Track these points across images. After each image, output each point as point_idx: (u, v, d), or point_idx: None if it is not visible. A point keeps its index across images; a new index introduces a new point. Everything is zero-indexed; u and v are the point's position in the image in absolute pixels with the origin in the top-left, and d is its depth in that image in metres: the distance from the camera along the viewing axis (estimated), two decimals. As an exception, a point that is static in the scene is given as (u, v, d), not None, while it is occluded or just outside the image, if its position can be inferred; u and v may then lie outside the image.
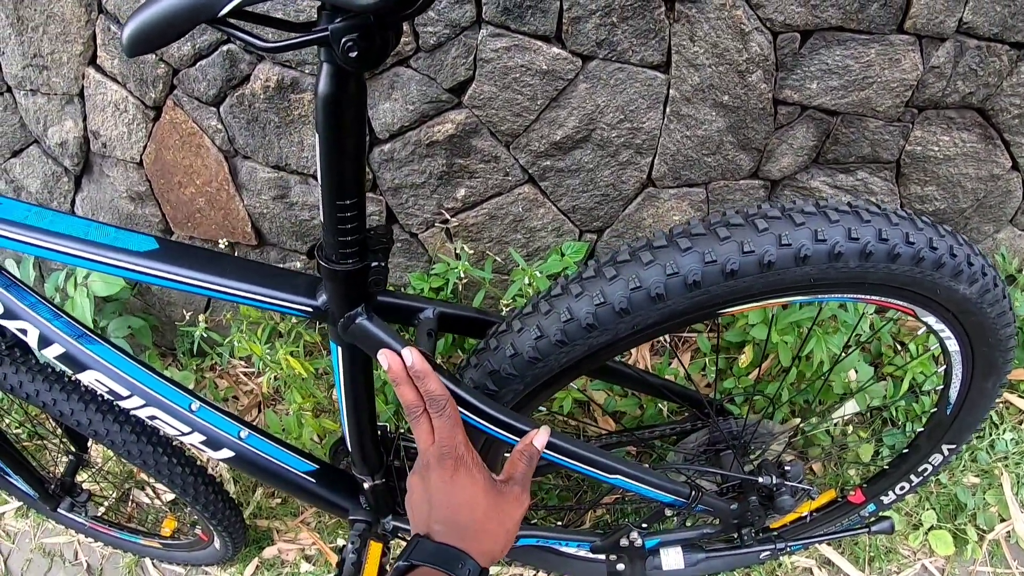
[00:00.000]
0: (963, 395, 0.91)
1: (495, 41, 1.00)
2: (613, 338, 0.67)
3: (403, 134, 1.10)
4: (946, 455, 1.03)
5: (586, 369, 0.73)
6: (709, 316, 0.68)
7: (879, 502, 1.15)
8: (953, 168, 1.25)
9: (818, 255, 0.62)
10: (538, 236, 1.19)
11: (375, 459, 0.88)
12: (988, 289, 0.71)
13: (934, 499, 1.35)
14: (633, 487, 0.75)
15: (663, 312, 0.64)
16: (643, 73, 1.02)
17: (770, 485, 0.84)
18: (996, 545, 1.37)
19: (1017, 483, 1.39)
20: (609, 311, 0.64)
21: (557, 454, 0.71)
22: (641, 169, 1.11)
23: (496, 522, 0.59)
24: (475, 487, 0.59)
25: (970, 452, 1.39)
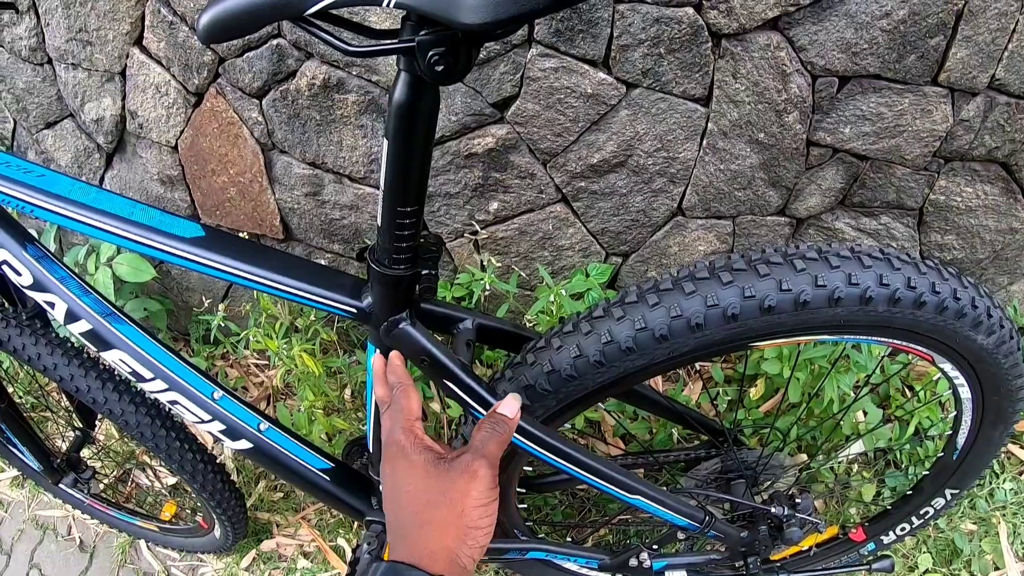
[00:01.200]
0: (971, 442, 0.94)
1: (544, 61, 1.03)
2: (648, 363, 0.70)
3: (443, 143, 1.13)
4: (948, 499, 1.06)
5: (617, 391, 0.76)
6: (741, 348, 0.71)
7: (879, 541, 1.18)
8: (973, 219, 1.29)
9: (850, 298, 0.66)
10: (565, 255, 1.22)
11: None
12: (1005, 341, 0.75)
13: (931, 543, 1.38)
14: (652, 509, 0.78)
15: (699, 341, 0.68)
16: (684, 105, 1.06)
17: (781, 516, 0.87)
18: (988, 593, 1.41)
19: (1014, 533, 1.43)
20: (649, 336, 0.67)
21: (581, 470, 0.73)
22: (672, 198, 1.15)
23: (444, 507, 0.47)
24: (412, 471, 0.50)
25: (969, 499, 1.42)
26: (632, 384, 0.76)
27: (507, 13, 0.45)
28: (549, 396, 0.73)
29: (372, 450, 0.88)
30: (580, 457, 0.73)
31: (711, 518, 0.82)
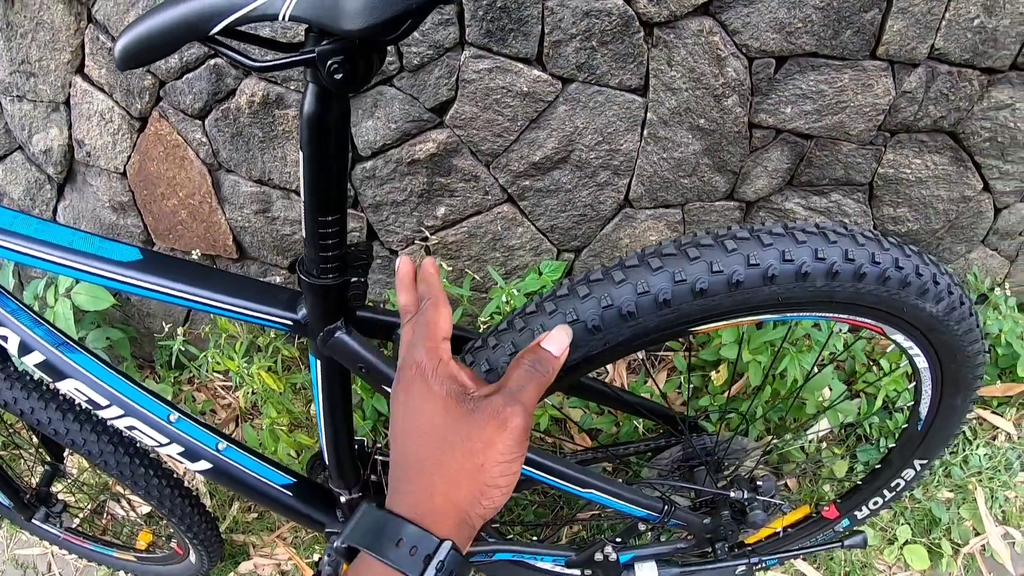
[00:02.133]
0: (933, 411, 0.94)
1: (477, 63, 1.03)
2: (586, 355, 0.70)
3: (385, 152, 1.13)
4: (918, 470, 1.07)
5: (561, 385, 0.76)
6: (681, 334, 0.71)
7: (853, 517, 1.18)
8: (925, 190, 1.30)
9: (785, 275, 0.66)
10: (516, 255, 1.22)
11: (352, 473, 0.91)
12: (955, 307, 0.74)
13: (909, 514, 1.39)
14: (607, 501, 0.78)
15: (635, 329, 0.67)
16: (621, 96, 1.06)
17: (742, 500, 0.87)
18: (971, 559, 1.41)
19: (991, 498, 1.43)
20: (582, 328, 0.67)
21: (531, 468, 0.73)
22: (619, 190, 1.15)
23: (463, 455, 0.38)
24: (430, 403, 0.40)
25: (944, 467, 1.43)
26: (577, 377, 0.76)
27: (382, 16, 0.46)
28: None
29: (328, 462, 0.88)
30: (528, 456, 0.73)
31: (671, 507, 0.82)
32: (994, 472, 1.45)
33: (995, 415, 1.49)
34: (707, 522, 0.89)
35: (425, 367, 0.42)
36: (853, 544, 1.12)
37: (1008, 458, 1.46)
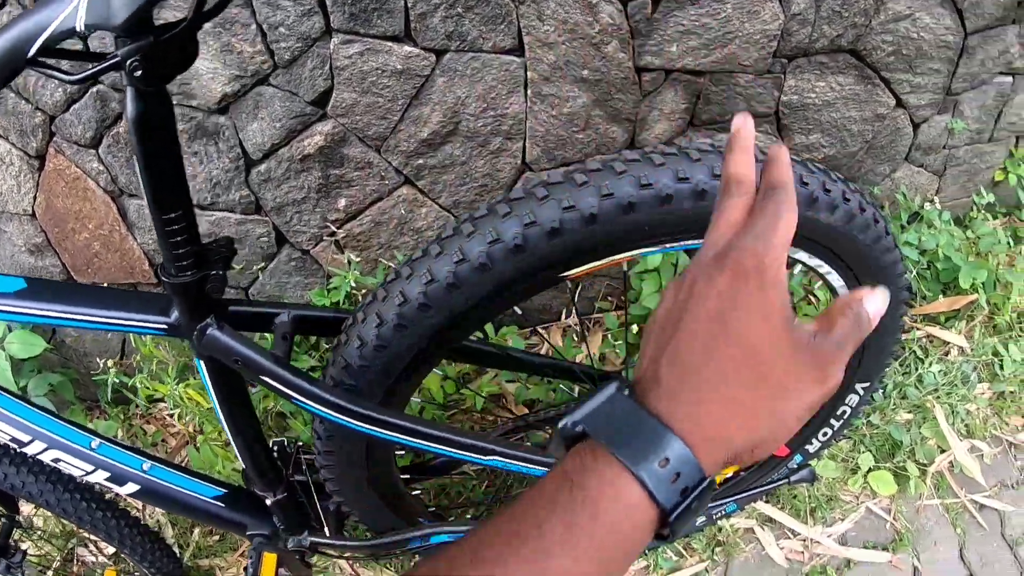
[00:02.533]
0: None
1: (347, 48, 1.01)
2: (450, 315, 0.68)
3: (275, 152, 1.11)
4: (862, 395, 1.04)
5: (441, 352, 0.74)
6: (553, 281, 0.69)
7: (804, 452, 1.16)
8: (835, 113, 1.28)
9: (645, 201, 0.63)
10: (426, 236, 1.20)
11: (271, 473, 0.89)
12: (854, 215, 0.71)
13: (868, 441, 1.36)
14: (513, 467, 0.76)
15: (495, 281, 0.65)
16: (498, 59, 1.04)
17: None
18: (940, 477, 1.39)
19: (952, 413, 1.41)
20: (438, 288, 0.65)
21: (426, 441, 0.71)
22: (514, 155, 1.13)
23: (774, 389, 0.30)
24: (762, 310, 0.31)
25: (898, 389, 1.40)
26: (455, 341, 0.73)
27: (135, 5, 0.46)
28: (368, 370, 0.70)
29: (244, 464, 0.86)
30: (419, 428, 0.71)
31: None
32: (951, 387, 1.42)
33: (944, 331, 1.47)
34: None
35: (768, 264, 0.32)
36: (800, 479, 1.10)
37: (963, 372, 1.44)
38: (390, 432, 0.71)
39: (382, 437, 0.71)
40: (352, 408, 0.69)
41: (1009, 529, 1.40)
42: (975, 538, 1.37)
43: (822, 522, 1.30)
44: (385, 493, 0.92)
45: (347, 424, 0.70)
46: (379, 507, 0.93)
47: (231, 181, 1.15)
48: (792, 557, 1.27)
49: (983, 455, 1.42)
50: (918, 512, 1.35)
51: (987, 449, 1.42)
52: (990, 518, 1.40)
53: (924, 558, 1.33)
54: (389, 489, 0.92)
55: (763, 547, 1.26)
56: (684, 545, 1.24)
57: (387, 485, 0.91)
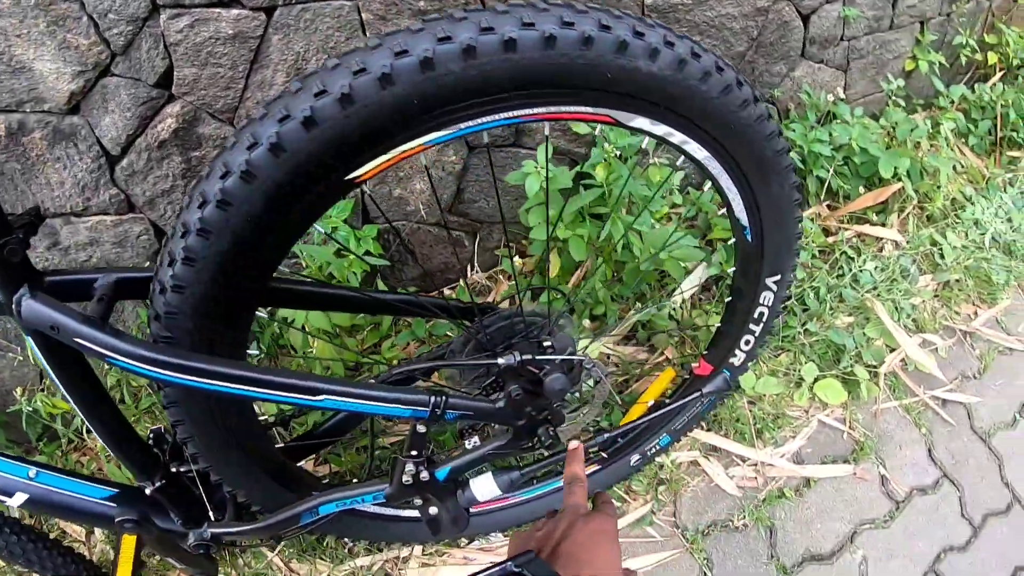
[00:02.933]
0: (752, 209, 0.81)
1: (176, 22, 0.97)
2: (235, 240, 0.62)
3: (133, 144, 1.07)
4: (776, 290, 0.94)
5: (250, 289, 0.68)
6: (340, 186, 0.61)
7: (730, 366, 1.08)
8: (709, 11, 1.21)
9: (402, 73, 0.55)
10: None
11: (142, 459, 0.84)
12: (684, 61, 0.62)
13: (809, 351, 1.28)
14: (351, 406, 0.69)
15: (269, 192, 0.59)
16: (328, 6, 1.00)
17: (515, 364, 0.77)
18: (894, 378, 1.31)
19: (896, 310, 1.33)
20: (212, 209, 0.59)
21: (239, 384, 0.65)
22: None
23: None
24: (616, 556, 0.60)
25: (833, 292, 1.33)
26: (257, 272, 0.66)
27: None
28: (179, 316, 0.65)
29: (112, 451, 0.81)
30: (239, 372, 0.65)
31: (441, 397, 0.72)
32: (891, 284, 1.35)
33: (876, 227, 1.39)
34: (500, 404, 0.79)
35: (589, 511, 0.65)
36: (714, 389, 1.01)
37: (902, 265, 1.36)
38: (209, 380, 0.65)
39: (203, 387, 0.65)
40: (161, 358, 0.63)
41: (978, 421, 1.31)
42: (942, 435, 1.29)
43: (772, 443, 1.22)
44: (268, 468, 0.86)
45: (163, 377, 0.64)
46: (268, 485, 0.87)
47: (97, 182, 1.11)
48: (745, 484, 1.19)
49: (937, 349, 1.34)
50: (875, 417, 1.27)
51: (940, 342, 1.34)
52: (956, 412, 1.31)
53: (890, 464, 1.25)
54: (271, 464, 0.87)
55: (711, 478, 1.18)
56: (625, 489, 1.16)
57: (266, 459, 0.86)
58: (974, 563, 1.16)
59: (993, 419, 1.31)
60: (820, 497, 1.20)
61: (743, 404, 1.23)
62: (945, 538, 1.18)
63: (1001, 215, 1.45)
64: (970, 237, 1.42)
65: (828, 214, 1.37)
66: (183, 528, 0.90)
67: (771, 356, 1.27)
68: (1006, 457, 1.28)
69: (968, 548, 1.18)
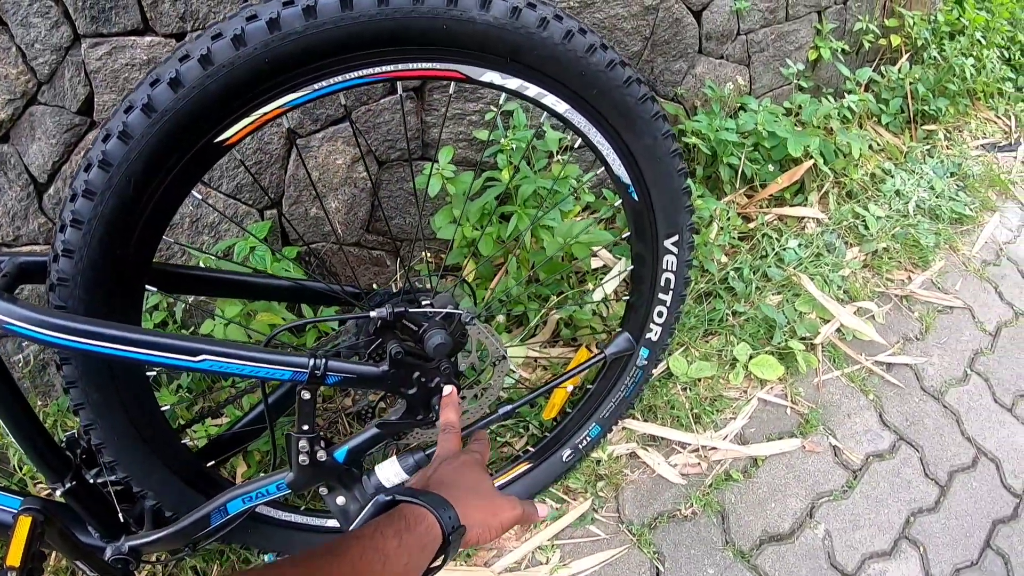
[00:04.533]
0: (631, 164, 0.78)
1: (96, 50, 1.00)
2: (119, 205, 0.61)
3: (59, 171, 1.08)
4: (677, 252, 0.88)
5: (137, 260, 0.66)
6: (215, 150, 0.62)
7: (648, 343, 1.01)
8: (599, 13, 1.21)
9: (290, 18, 0.57)
10: (222, 227, 1.13)
11: (53, 459, 0.77)
12: (516, 8, 0.61)
13: (739, 331, 1.23)
14: (230, 367, 0.63)
15: (142, 157, 0.59)
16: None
17: (389, 316, 0.70)
18: (833, 349, 1.24)
19: (825, 284, 1.28)
20: (96, 173, 0.60)
21: (116, 345, 0.60)
22: (277, 123, 1.08)
23: (489, 509, 0.60)
24: (479, 472, 0.63)
25: (758, 272, 1.28)
26: (136, 235, 0.64)
27: None
28: (69, 284, 0.63)
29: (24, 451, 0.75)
30: (115, 333, 0.59)
31: (322, 360, 0.66)
32: (816, 259, 1.30)
33: (796, 207, 1.36)
34: (384, 368, 0.72)
35: (459, 452, 0.67)
36: (618, 349, 0.93)
37: (827, 240, 1.32)
38: (90, 341, 0.60)
39: (83, 348, 0.61)
40: (42, 318, 0.59)
41: (928, 381, 1.24)
42: (892, 399, 1.21)
43: (712, 426, 1.14)
44: (178, 468, 0.80)
45: (43, 338, 0.59)
46: (178, 488, 0.81)
47: (27, 210, 1.11)
48: (688, 471, 1.11)
49: (874, 316, 1.28)
50: (818, 389, 1.20)
51: (876, 309, 1.28)
52: (903, 375, 1.24)
53: (841, 434, 1.17)
54: (180, 463, 0.81)
55: (652, 469, 1.10)
56: (563, 489, 1.09)
57: (176, 458, 0.80)
58: (948, 522, 1.06)
59: (943, 377, 1.24)
60: (770, 476, 1.12)
61: (677, 390, 1.16)
62: (912, 501, 1.09)
63: (924, 184, 1.42)
64: (894, 207, 1.39)
65: (747, 202, 1.34)
66: (101, 542, 0.84)
67: (701, 341, 1.22)
68: (963, 412, 1.20)
69: (939, 508, 1.08)
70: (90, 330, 0.59)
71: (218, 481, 0.88)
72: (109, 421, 0.71)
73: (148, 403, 0.75)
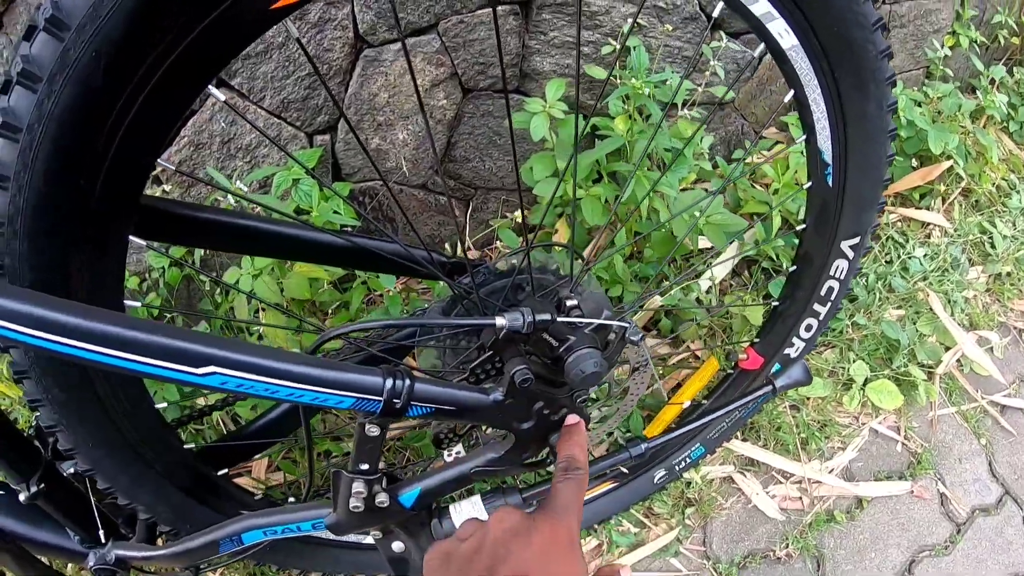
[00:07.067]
0: (839, 139, 0.56)
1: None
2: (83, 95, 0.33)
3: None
4: (851, 258, 0.66)
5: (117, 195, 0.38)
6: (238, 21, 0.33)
7: (785, 358, 0.77)
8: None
9: None
10: (259, 154, 0.83)
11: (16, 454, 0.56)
12: None
13: (858, 346, 0.98)
14: (254, 387, 0.36)
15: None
16: None
17: (522, 327, 0.45)
18: (950, 380, 1.01)
19: (948, 303, 1.04)
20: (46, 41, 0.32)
21: (27, 330, 0.32)
22: (341, 25, 0.77)
23: None
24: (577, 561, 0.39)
25: (882, 281, 1.03)
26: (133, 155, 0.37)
27: None
28: (3, 227, 0.36)
29: None
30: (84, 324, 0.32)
31: (404, 381, 0.41)
32: (941, 274, 1.06)
33: (921, 211, 1.11)
34: (497, 396, 0.47)
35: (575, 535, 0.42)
36: (790, 382, 0.69)
37: (951, 255, 1.08)
38: (24, 330, 0.32)
39: (20, 339, 0.33)
40: None
41: (1043, 431, 1.02)
42: (1003, 447, 0.99)
43: (818, 455, 0.91)
44: (176, 477, 0.56)
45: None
46: (177, 499, 0.58)
47: None
48: (788, 506, 0.88)
49: (992, 348, 1.05)
50: (932, 425, 0.97)
51: (996, 340, 1.05)
52: (1016, 420, 1.02)
53: (950, 480, 0.95)
54: (179, 470, 0.56)
55: (748, 499, 0.87)
56: (644, 512, 0.85)
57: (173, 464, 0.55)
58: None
59: (1060, 429, 1.02)
60: (874, 520, 0.90)
61: (784, 408, 0.92)
62: (1011, 565, 0.88)
63: (1047, 206, 1.19)
64: (1019, 227, 1.15)
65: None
66: (82, 547, 0.62)
67: (815, 352, 0.97)
68: (1079, 473, 0.98)
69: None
70: (26, 312, 0.31)
71: (231, 494, 0.62)
72: (79, 420, 0.43)
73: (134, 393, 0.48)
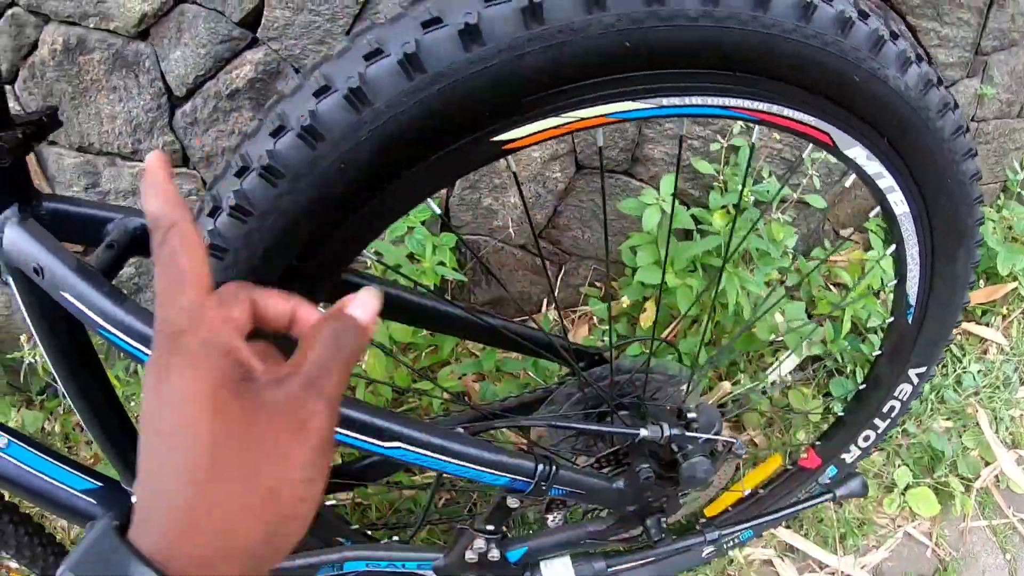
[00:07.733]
0: (925, 288, 0.59)
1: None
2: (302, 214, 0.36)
3: (201, 87, 0.81)
4: (916, 384, 0.69)
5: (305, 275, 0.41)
6: (487, 152, 0.36)
7: (840, 462, 0.81)
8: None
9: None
10: None
11: (135, 456, 0.56)
12: (929, 82, 0.42)
13: (904, 453, 1.01)
14: (432, 462, 0.43)
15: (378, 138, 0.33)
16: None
17: (660, 439, 0.51)
18: (986, 494, 1.03)
19: (995, 419, 1.06)
20: (297, 146, 0.34)
21: None
22: None
23: (238, 476, 0.22)
24: (193, 390, 0.22)
25: (936, 392, 1.06)
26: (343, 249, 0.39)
27: None
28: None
29: (95, 438, 0.56)
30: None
31: (550, 467, 0.46)
32: (992, 391, 1.08)
33: (981, 326, 1.13)
34: (619, 486, 0.53)
35: (184, 334, 0.23)
36: (848, 493, 0.74)
37: (1004, 373, 1.10)
38: None
39: None
40: None
41: (1066, 558, 1.04)
42: (1028, 568, 1.02)
43: (853, 551, 0.94)
44: None
45: None
46: None
47: (153, 124, 0.85)
48: (819, 594, 0.91)
49: (1031, 470, 1.07)
50: (963, 536, 1.00)
51: (1036, 463, 1.07)
52: (1044, 544, 1.04)
53: (972, 593, 0.98)
54: None
55: (783, 581, 0.90)
56: (688, 578, 0.88)
57: None
58: None
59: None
60: (896, 620, 0.92)
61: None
62: None
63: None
64: (1069, 352, 1.17)
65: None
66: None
67: (862, 451, 1.00)
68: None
69: None
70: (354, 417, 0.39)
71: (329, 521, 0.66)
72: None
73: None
